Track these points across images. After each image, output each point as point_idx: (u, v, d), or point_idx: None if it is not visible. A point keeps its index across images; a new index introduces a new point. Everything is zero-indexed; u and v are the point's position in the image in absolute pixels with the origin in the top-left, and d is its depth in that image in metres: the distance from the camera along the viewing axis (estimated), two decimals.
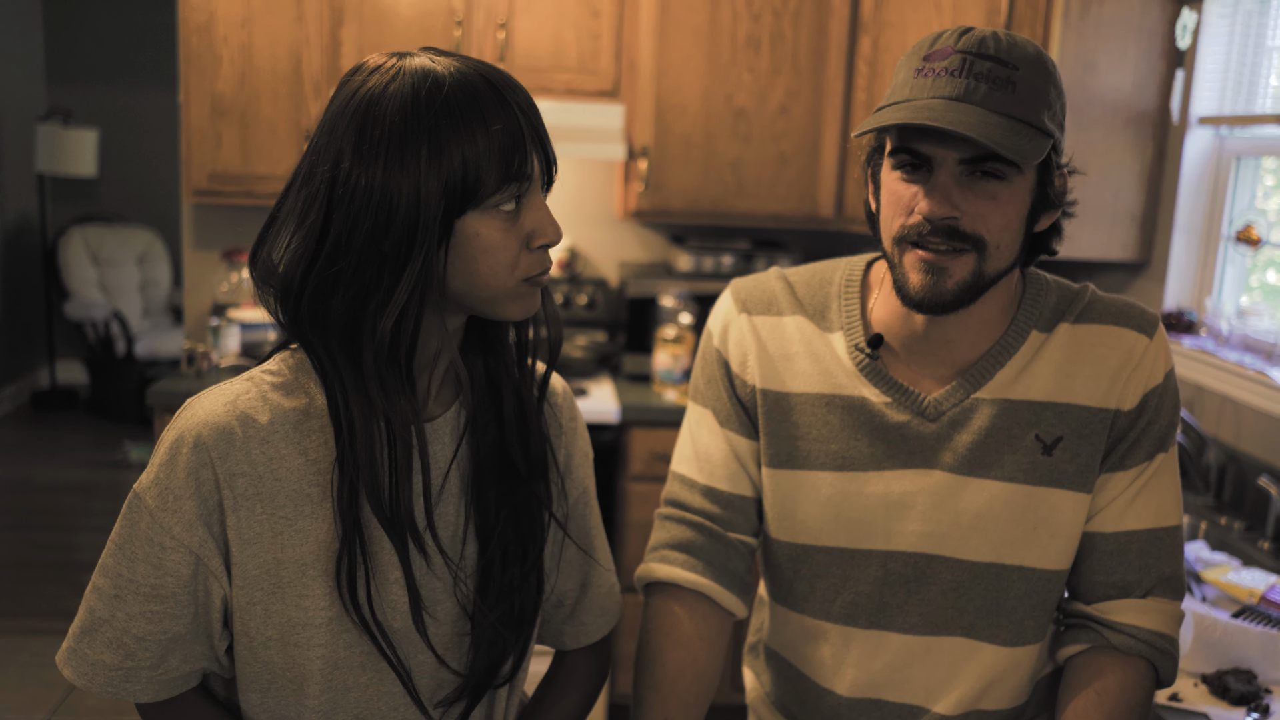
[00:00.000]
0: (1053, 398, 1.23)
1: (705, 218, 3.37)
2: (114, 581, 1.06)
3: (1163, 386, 1.23)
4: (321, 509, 1.06)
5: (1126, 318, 1.25)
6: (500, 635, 1.13)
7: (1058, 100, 1.15)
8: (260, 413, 1.06)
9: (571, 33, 3.25)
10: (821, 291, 1.32)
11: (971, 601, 1.25)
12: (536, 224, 1.04)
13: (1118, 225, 2.87)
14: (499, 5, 3.21)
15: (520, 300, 1.06)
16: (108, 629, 1.06)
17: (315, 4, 3.16)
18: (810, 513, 1.27)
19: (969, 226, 1.14)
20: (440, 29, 3.21)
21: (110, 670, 1.07)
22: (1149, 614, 1.22)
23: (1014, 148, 1.08)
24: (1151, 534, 1.23)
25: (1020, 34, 2.81)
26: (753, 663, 1.47)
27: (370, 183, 0.99)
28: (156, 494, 1.04)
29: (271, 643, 1.06)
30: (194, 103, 3.18)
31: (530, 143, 1.02)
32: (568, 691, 1.29)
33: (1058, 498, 1.22)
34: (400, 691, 1.11)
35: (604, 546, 1.29)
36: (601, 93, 3.30)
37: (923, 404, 1.24)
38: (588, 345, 3.50)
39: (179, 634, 1.07)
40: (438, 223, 0.99)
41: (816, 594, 1.30)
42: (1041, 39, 2.78)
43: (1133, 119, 2.80)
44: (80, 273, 6.34)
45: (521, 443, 1.14)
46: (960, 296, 1.16)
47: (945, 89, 1.12)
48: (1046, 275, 1.30)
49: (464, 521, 1.12)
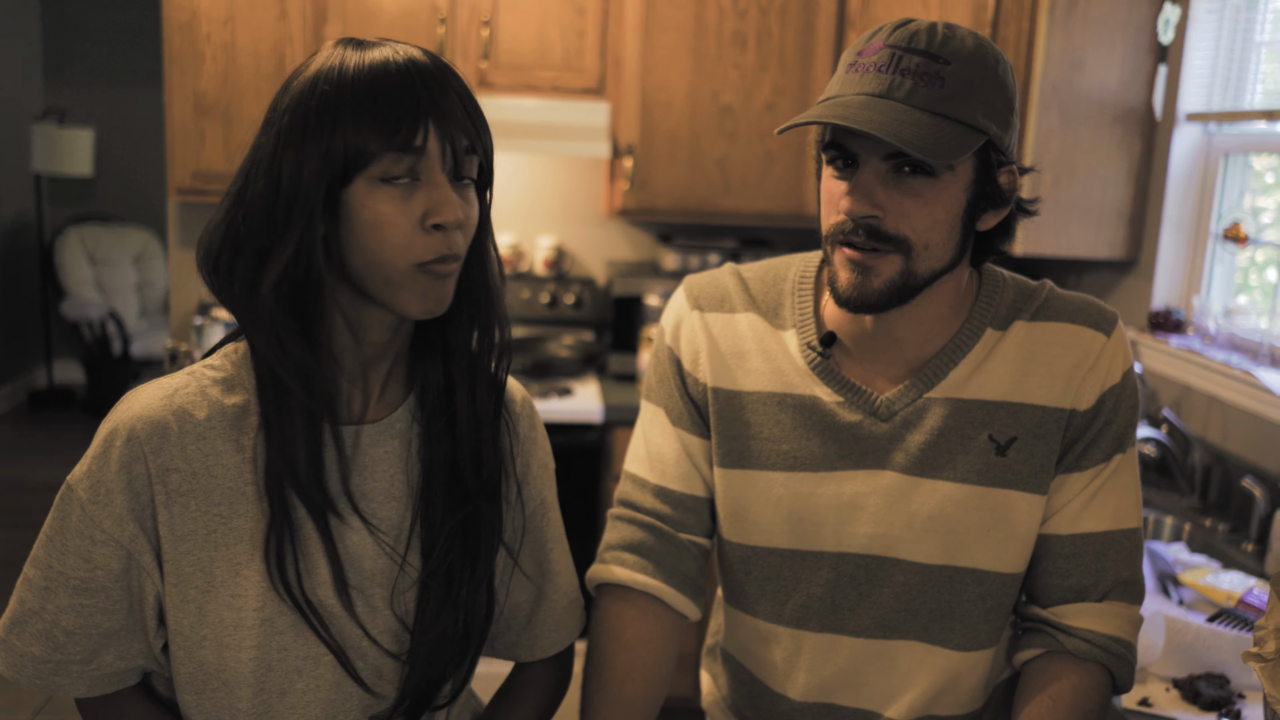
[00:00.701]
0: (1007, 397, 1.20)
1: (692, 216, 3.35)
2: (44, 573, 1.04)
3: (1120, 386, 1.21)
4: (257, 507, 1.04)
5: (1083, 316, 1.22)
6: (438, 653, 1.10)
7: (998, 95, 1.12)
8: (198, 408, 1.04)
9: (556, 30, 3.23)
10: (775, 289, 1.29)
11: (925, 605, 1.22)
12: (431, 202, 0.99)
13: (1105, 223, 2.84)
14: (483, 2, 3.19)
15: (417, 291, 1.01)
16: (37, 621, 1.05)
17: (298, 2, 3.15)
18: (761, 514, 1.24)
19: (892, 226, 1.11)
20: (424, 26, 3.19)
21: (39, 662, 1.05)
22: (1105, 618, 1.19)
23: (926, 146, 1.05)
24: (1108, 536, 1.21)
25: (1008, 30, 2.80)
26: (710, 665, 1.44)
27: (267, 147, 1.00)
28: (88, 486, 1.02)
29: (205, 642, 1.04)
30: (177, 101, 3.17)
31: (425, 117, 0.98)
32: (522, 703, 1.26)
33: (1013, 499, 1.19)
34: (339, 699, 1.09)
35: (563, 559, 1.26)
36: (586, 90, 3.28)
37: (875, 404, 1.21)
38: (574, 344, 3.48)
39: (111, 629, 1.05)
40: (320, 191, 0.98)
41: (767, 596, 1.27)
42: (1027, 35, 2.76)
43: (1120, 116, 2.77)
44: (77, 272, 6.33)
45: (474, 458, 1.11)
46: (887, 296, 1.14)
47: (870, 85, 1.09)
48: (1004, 272, 1.27)
49: (409, 528, 1.10)
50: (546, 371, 3.35)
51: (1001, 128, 1.12)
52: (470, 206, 1.04)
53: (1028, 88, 2.77)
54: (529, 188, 3.68)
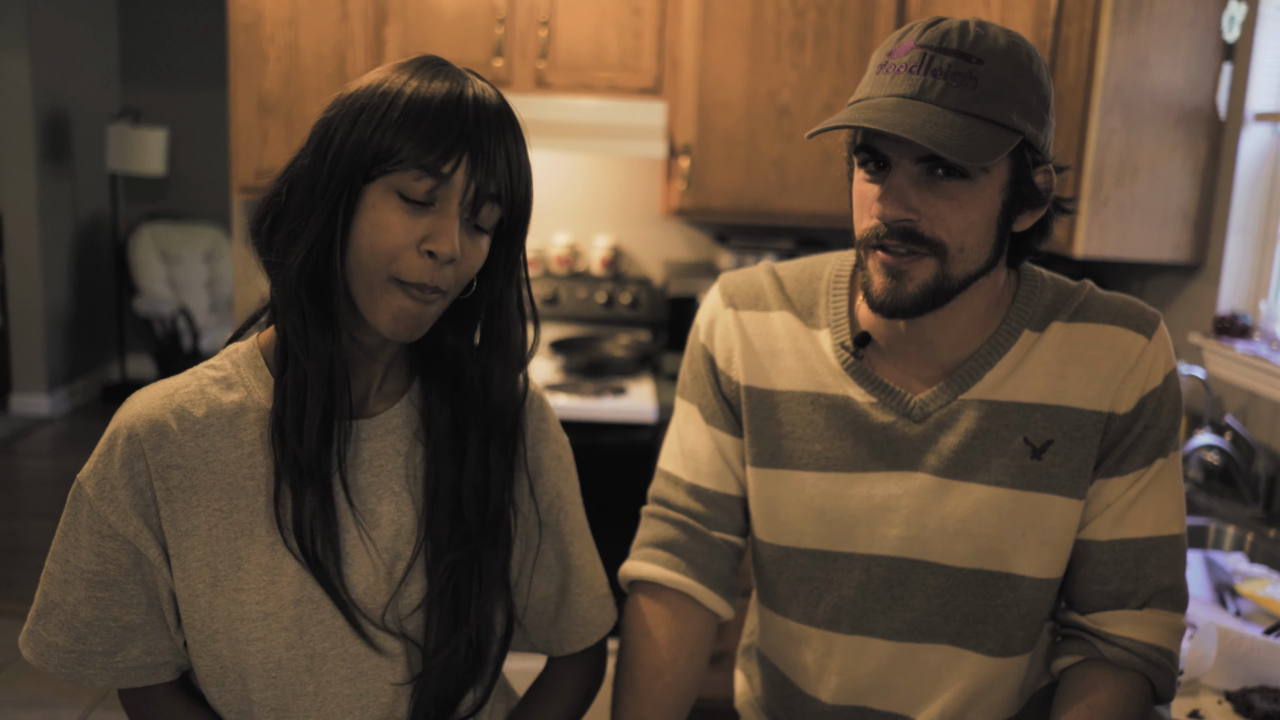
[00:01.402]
0: (1043, 399, 1.18)
1: (747, 216, 3.33)
2: (62, 567, 1.08)
3: (1162, 389, 1.18)
4: (256, 503, 1.06)
5: (1124, 317, 1.20)
6: (450, 672, 1.11)
7: (1032, 93, 1.09)
8: (196, 406, 1.07)
9: (613, 30, 3.24)
10: (810, 287, 1.28)
11: (958, 609, 1.20)
12: (435, 228, 1.00)
13: (1169, 225, 2.77)
14: (541, 3, 3.21)
15: (391, 307, 1.02)
16: (59, 612, 1.08)
17: (360, 3, 3.19)
18: (793, 514, 1.24)
19: (927, 229, 1.09)
20: (482, 27, 3.22)
21: (64, 652, 1.08)
22: (1145, 626, 1.17)
23: (959, 149, 1.03)
24: (1149, 543, 1.18)
25: (1070, 29, 2.75)
26: (745, 665, 1.44)
27: (322, 123, 1.03)
28: (94, 484, 1.05)
29: (218, 636, 1.06)
30: (241, 100, 3.23)
31: (466, 152, 1.00)
32: (552, 698, 1.26)
33: (1048, 503, 1.17)
34: (355, 695, 1.09)
35: (587, 553, 1.26)
36: (643, 90, 3.28)
37: (908, 405, 1.20)
38: (629, 344, 3.49)
39: (132, 623, 1.08)
40: (346, 178, 1.00)
41: (799, 597, 1.26)
42: (1090, 35, 2.71)
43: (1185, 116, 2.71)
44: (149, 269, 6.48)
45: (478, 500, 1.12)
46: (922, 301, 1.12)
47: (901, 86, 1.08)
48: (1043, 272, 1.25)
49: (412, 545, 1.11)
50: (601, 371, 3.36)
51: (1037, 127, 1.10)
52: (475, 251, 1.05)
53: (1090, 88, 2.72)
54: (586, 188, 3.70)
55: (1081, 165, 2.74)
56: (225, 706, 1.11)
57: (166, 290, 6.50)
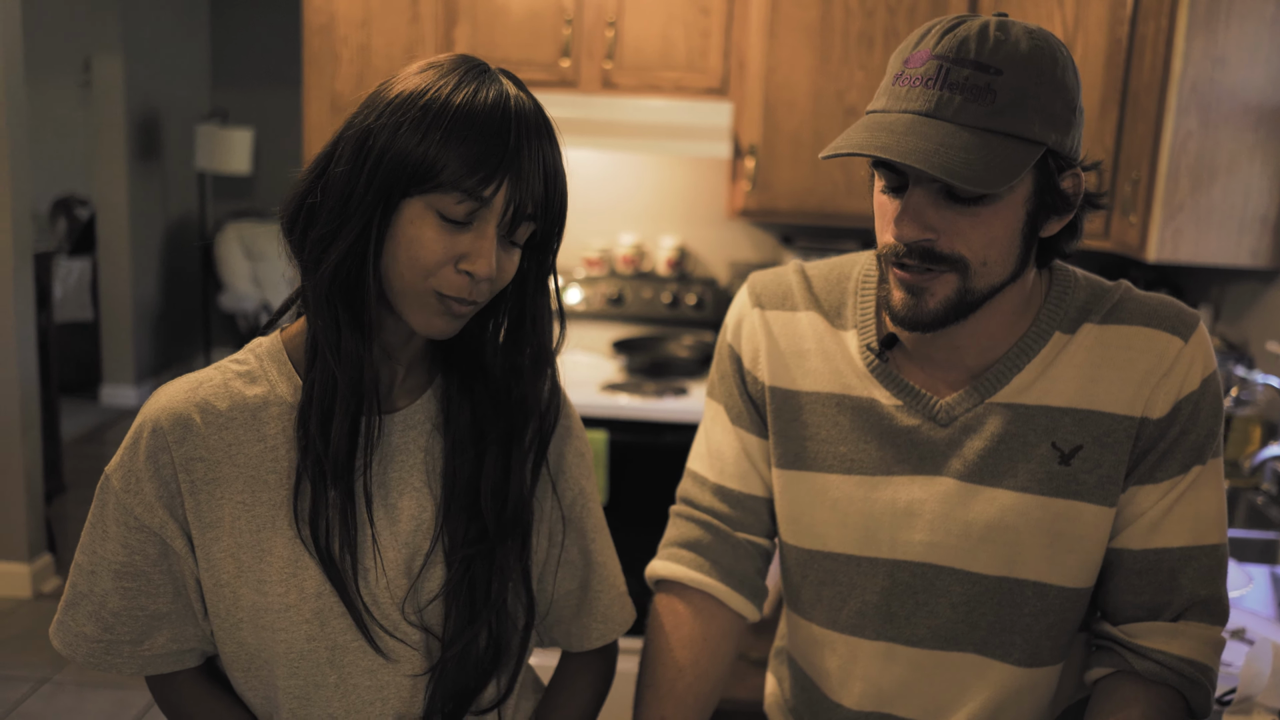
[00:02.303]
0: (1073, 404, 1.15)
1: (813, 217, 3.31)
2: (90, 558, 1.10)
3: (1199, 393, 1.14)
4: (278, 495, 1.08)
5: (1159, 318, 1.16)
6: (466, 665, 1.12)
7: (1056, 99, 1.05)
8: (220, 400, 1.09)
9: (680, 30, 3.24)
10: (839, 287, 1.27)
11: (983, 617, 1.18)
12: (474, 248, 1.02)
13: (1247, 230, 2.69)
14: (608, 3, 3.22)
15: (426, 312, 1.04)
16: (87, 602, 1.10)
17: (430, 5, 3.23)
18: (817, 516, 1.22)
19: (947, 247, 1.07)
20: (550, 28, 3.24)
21: (92, 642, 1.11)
22: (1179, 639, 1.13)
23: (975, 175, 0.99)
24: (1185, 553, 1.14)
25: (1146, 27, 2.68)
26: (776, 668, 1.42)
27: (362, 129, 1.02)
28: (121, 476, 1.08)
29: (242, 624, 1.08)
30: (314, 101, 3.30)
31: (504, 175, 1.00)
32: (574, 696, 1.27)
33: (1077, 510, 1.14)
34: (376, 686, 1.10)
35: (606, 550, 1.26)
36: (709, 90, 3.27)
37: (934, 408, 1.18)
38: (693, 345, 3.48)
39: (160, 612, 1.11)
40: (385, 192, 1.00)
41: (823, 601, 1.25)
42: (1166, 33, 2.64)
43: (1265, 116, 2.62)
44: (234, 266, 6.64)
45: (496, 501, 1.13)
46: (944, 316, 1.10)
47: (916, 102, 1.04)
48: (1078, 272, 1.21)
49: (430, 536, 1.12)
50: (664, 371, 3.36)
51: (1062, 133, 1.06)
52: (509, 264, 1.06)
53: (1165, 88, 2.64)
54: (653, 188, 3.70)
55: (1155, 168, 2.67)
56: (251, 692, 1.13)
57: (250, 287, 6.66)
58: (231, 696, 1.16)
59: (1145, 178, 2.69)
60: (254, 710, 1.15)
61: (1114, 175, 2.85)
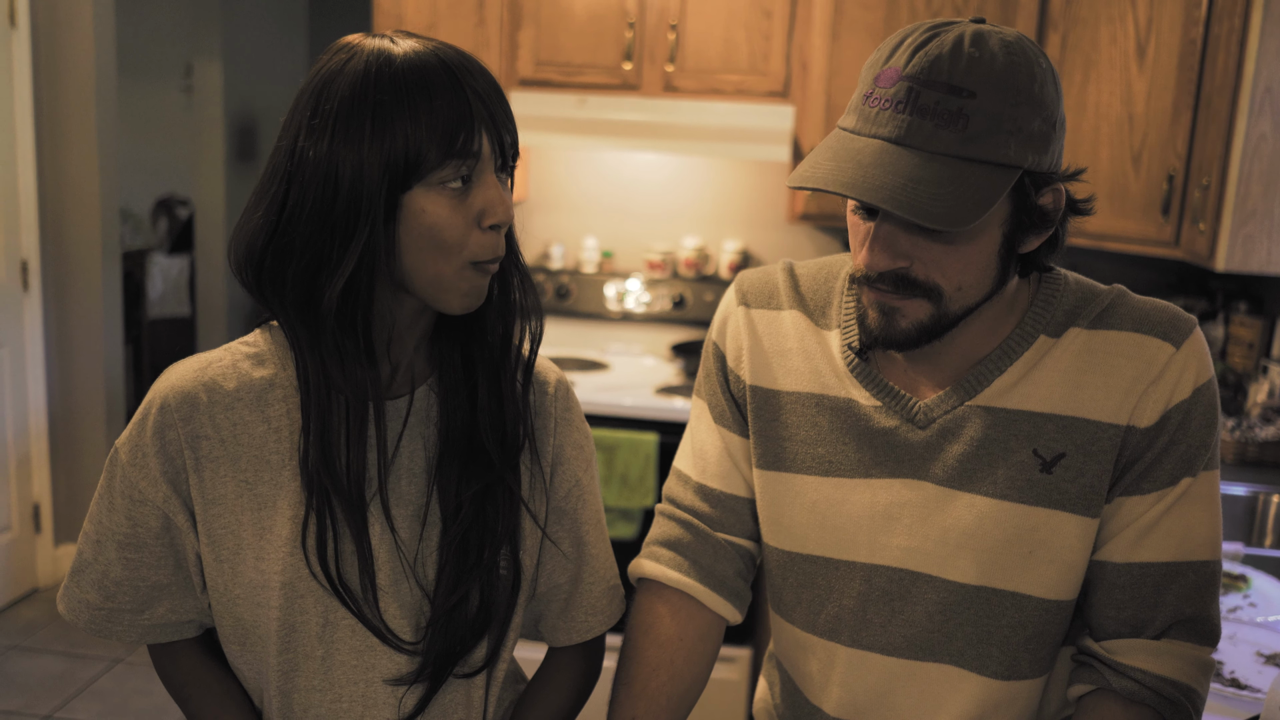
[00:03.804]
0: (1056, 410, 1.11)
1: None
2: (97, 528, 1.14)
3: (1190, 402, 1.09)
4: (280, 476, 1.10)
5: (1150, 324, 1.11)
6: (457, 622, 1.12)
7: (1034, 116, 1.01)
8: (227, 380, 1.11)
9: (742, 33, 3.22)
10: (825, 286, 1.25)
11: (960, 627, 1.15)
12: (486, 202, 1.03)
13: None
14: (671, 6, 3.22)
15: (462, 288, 1.05)
16: (92, 570, 1.14)
17: (496, 8, 3.28)
18: (795, 518, 1.20)
19: (921, 274, 1.04)
20: (612, 30, 3.25)
21: (94, 609, 1.15)
22: (1162, 658, 1.09)
23: (943, 213, 0.96)
24: (1171, 568, 1.10)
25: (1220, 28, 2.58)
26: (768, 670, 1.40)
27: (319, 155, 1.02)
28: (128, 450, 1.11)
29: (239, 600, 1.11)
30: None
31: (479, 121, 1.01)
32: (555, 688, 1.27)
33: (1057, 520, 1.10)
34: (361, 666, 1.12)
35: (600, 543, 1.26)
36: (771, 94, 3.25)
37: (913, 409, 1.15)
38: None
39: (160, 583, 1.14)
40: (381, 197, 1.01)
41: (803, 604, 1.23)
42: (1239, 33, 2.54)
43: None
44: None
45: (495, 428, 1.13)
46: (917, 336, 1.07)
47: (886, 127, 1.00)
48: (1069, 275, 1.17)
49: (426, 501, 1.13)
50: None
51: (1039, 151, 1.02)
52: (511, 201, 1.07)
53: (1237, 91, 2.55)
54: (716, 192, 3.69)
55: (1226, 173, 2.57)
56: (246, 667, 1.16)
57: None
58: (225, 669, 1.19)
59: (1215, 184, 2.59)
60: (245, 684, 1.18)
61: (1185, 181, 2.76)
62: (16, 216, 3.77)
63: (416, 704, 1.13)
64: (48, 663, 3.55)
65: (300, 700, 1.13)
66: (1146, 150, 2.85)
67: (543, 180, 3.77)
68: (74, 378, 3.97)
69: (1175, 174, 2.77)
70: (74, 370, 3.97)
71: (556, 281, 3.69)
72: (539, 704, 1.26)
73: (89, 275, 3.86)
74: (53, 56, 3.79)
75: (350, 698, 1.12)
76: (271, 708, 1.14)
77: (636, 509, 3.11)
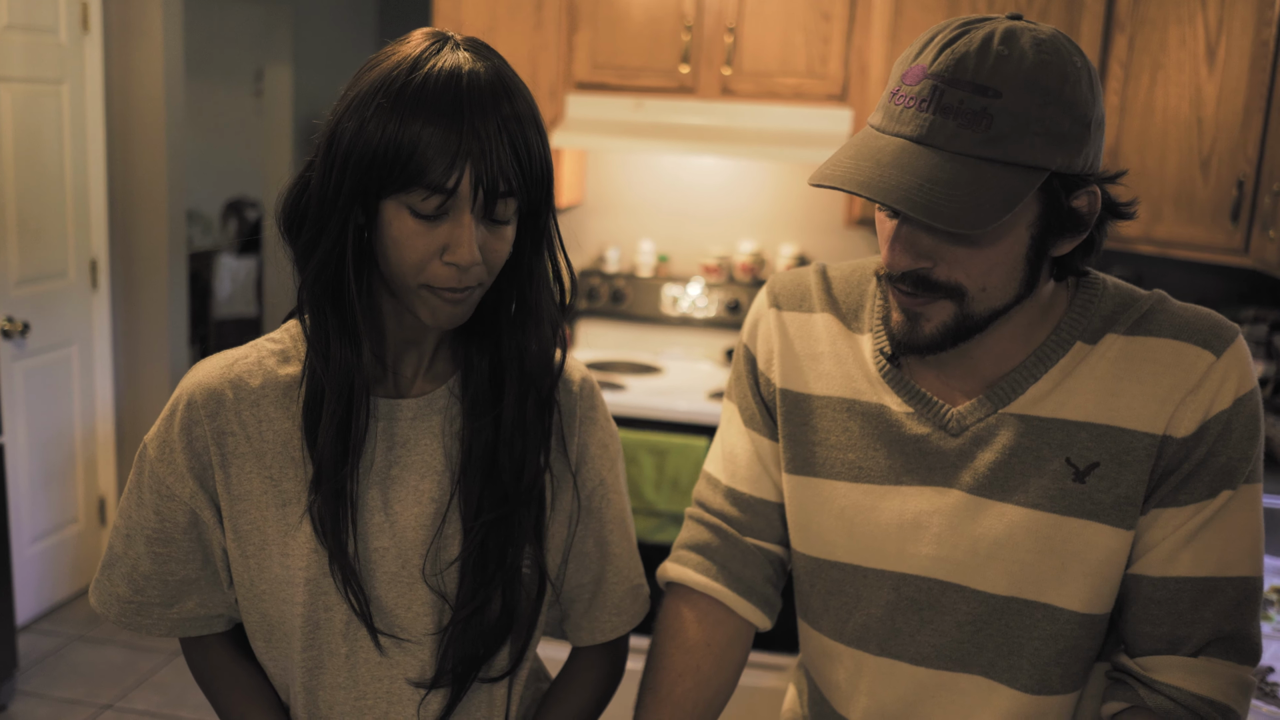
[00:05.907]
0: (1090, 418, 1.07)
1: None
2: (126, 522, 1.15)
3: (1230, 413, 1.05)
4: (304, 471, 1.10)
5: (1190, 331, 1.07)
6: (475, 630, 1.12)
7: (1064, 116, 0.97)
8: (253, 377, 1.12)
9: (800, 36, 3.20)
10: (859, 289, 1.22)
11: (990, 638, 1.11)
12: (452, 239, 1.00)
13: None
14: (729, 9, 3.20)
15: (427, 305, 1.04)
16: (122, 564, 1.16)
17: (554, 11, 3.28)
18: (824, 524, 1.18)
19: (943, 275, 1.02)
20: (669, 33, 3.24)
21: (124, 602, 1.16)
22: (1197, 676, 1.05)
23: (961, 215, 0.93)
24: (1210, 584, 1.06)
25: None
26: (796, 678, 1.38)
27: (330, 132, 1.03)
28: (156, 446, 1.12)
29: (265, 595, 1.12)
30: None
31: (465, 159, 0.97)
32: (579, 688, 1.26)
33: (1090, 531, 1.07)
34: (384, 663, 1.12)
35: (624, 543, 1.25)
36: (829, 97, 3.22)
37: (945, 417, 1.12)
38: None
39: (189, 578, 1.15)
40: (356, 201, 1.01)
41: (830, 612, 1.20)
42: None
43: None
44: None
45: (514, 463, 1.12)
46: (940, 341, 1.05)
47: (908, 126, 0.98)
48: (1108, 279, 1.14)
49: (448, 500, 1.13)
50: None
51: (1071, 153, 0.98)
52: (499, 244, 1.04)
53: None
54: (773, 196, 3.66)
55: None
56: (272, 663, 1.16)
57: None
58: (254, 665, 1.20)
59: None
60: (272, 680, 1.18)
61: (1255, 187, 2.68)
62: (87, 216, 3.86)
63: (442, 708, 1.13)
64: (110, 653, 3.63)
65: (325, 697, 1.13)
66: (1215, 155, 2.77)
67: (599, 183, 3.77)
68: (140, 375, 4.06)
69: (1245, 179, 2.69)
70: (140, 367, 4.05)
71: (612, 285, 3.69)
72: (562, 703, 1.25)
73: (156, 275, 3.94)
74: (124, 60, 3.87)
75: (374, 695, 1.13)
76: (297, 703, 1.15)
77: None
